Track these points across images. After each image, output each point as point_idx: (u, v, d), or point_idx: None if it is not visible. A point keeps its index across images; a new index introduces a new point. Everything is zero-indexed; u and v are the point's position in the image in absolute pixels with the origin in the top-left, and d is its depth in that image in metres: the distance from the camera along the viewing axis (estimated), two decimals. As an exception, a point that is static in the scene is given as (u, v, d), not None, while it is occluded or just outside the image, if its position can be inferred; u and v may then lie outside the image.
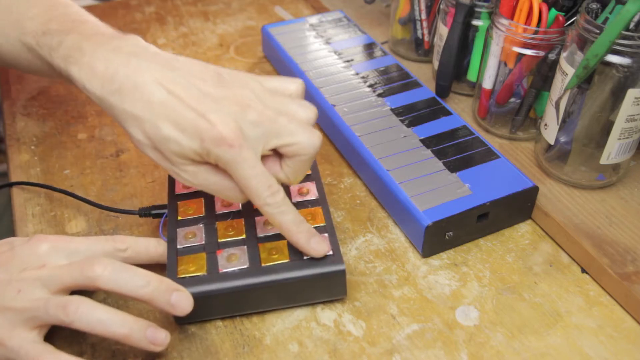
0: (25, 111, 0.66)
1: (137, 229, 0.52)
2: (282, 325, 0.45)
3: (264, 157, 0.42)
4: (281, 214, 0.42)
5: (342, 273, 0.44)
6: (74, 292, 0.41)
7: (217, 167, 0.41)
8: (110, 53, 0.41)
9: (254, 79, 0.43)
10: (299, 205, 0.48)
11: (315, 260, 0.44)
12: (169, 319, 0.44)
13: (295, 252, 0.44)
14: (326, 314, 0.45)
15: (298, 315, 0.45)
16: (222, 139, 0.38)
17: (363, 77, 0.63)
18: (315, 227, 0.46)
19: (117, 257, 0.43)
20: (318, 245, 0.43)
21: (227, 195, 0.42)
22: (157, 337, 0.40)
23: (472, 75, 0.64)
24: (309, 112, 0.43)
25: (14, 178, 0.58)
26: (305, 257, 0.44)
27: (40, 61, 0.47)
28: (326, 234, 0.45)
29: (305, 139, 0.41)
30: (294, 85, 0.44)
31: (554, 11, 0.53)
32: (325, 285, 0.44)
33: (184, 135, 0.39)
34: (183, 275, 0.43)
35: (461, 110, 0.63)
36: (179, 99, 0.39)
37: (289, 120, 0.41)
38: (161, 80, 0.40)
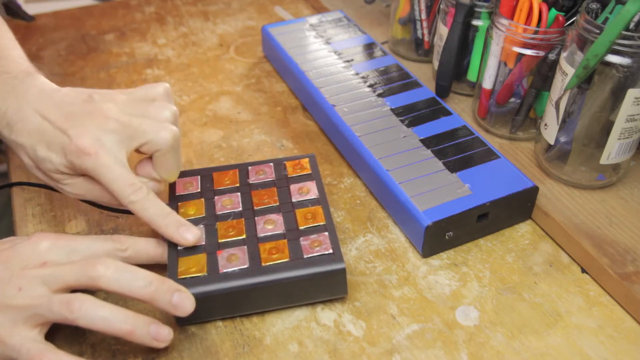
0: (25, 111, 0.66)
1: (137, 229, 0.52)
2: (282, 325, 0.45)
3: (139, 163, 0.47)
4: (146, 209, 0.44)
5: (343, 271, 0.44)
6: (72, 291, 0.41)
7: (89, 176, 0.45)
8: (6, 93, 0.47)
9: (123, 92, 0.48)
10: (299, 205, 0.48)
11: (315, 259, 0.44)
12: (169, 319, 0.44)
13: (296, 252, 0.44)
14: (326, 314, 0.45)
15: (298, 315, 0.45)
16: (79, 149, 0.43)
17: (363, 77, 0.63)
18: (315, 226, 0.46)
19: (117, 257, 0.43)
20: (187, 233, 0.45)
21: (106, 200, 0.46)
22: (161, 333, 0.40)
23: (472, 75, 0.64)
24: (166, 111, 0.47)
25: (14, 178, 0.58)
26: (305, 256, 0.44)
27: None
28: (326, 233, 0.45)
29: (156, 136, 0.45)
30: (158, 88, 0.49)
31: (554, 11, 0.53)
32: (326, 284, 0.44)
33: (53, 153, 0.44)
34: (184, 276, 0.43)
35: (461, 110, 0.63)
36: (49, 122, 0.45)
37: (142, 122, 0.45)
38: (38, 109, 0.45)
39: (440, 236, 0.48)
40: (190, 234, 0.45)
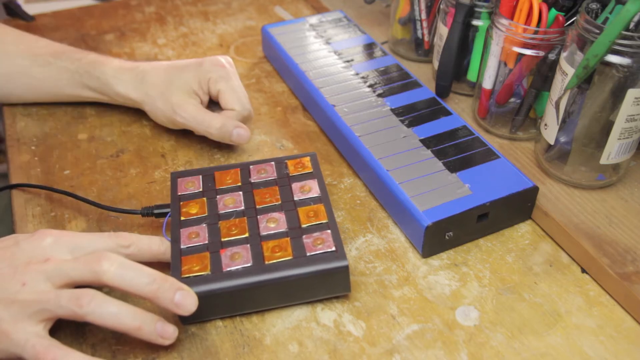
0: (25, 111, 0.66)
1: (138, 229, 0.52)
2: (282, 326, 0.45)
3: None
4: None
5: (346, 269, 0.44)
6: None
7: None
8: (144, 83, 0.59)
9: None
10: (301, 203, 0.48)
11: (318, 257, 0.44)
12: (173, 319, 0.44)
13: (299, 250, 0.44)
14: (326, 314, 0.45)
15: (298, 315, 0.45)
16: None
17: (363, 77, 0.63)
18: (317, 224, 0.46)
19: (120, 254, 0.43)
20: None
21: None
22: (166, 331, 0.40)
23: (472, 75, 0.64)
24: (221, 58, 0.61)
25: (14, 179, 0.58)
26: (308, 254, 0.44)
27: (55, 70, 0.61)
28: (328, 230, 0.45)
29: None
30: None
31: (554, 11, 0.53)
32: (329, 282, 0.44)
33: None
34: (187, 275, 0.43)
35: (461, 110, 0.63)
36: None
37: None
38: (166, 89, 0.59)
39: (440, 236, 0.48)
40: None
